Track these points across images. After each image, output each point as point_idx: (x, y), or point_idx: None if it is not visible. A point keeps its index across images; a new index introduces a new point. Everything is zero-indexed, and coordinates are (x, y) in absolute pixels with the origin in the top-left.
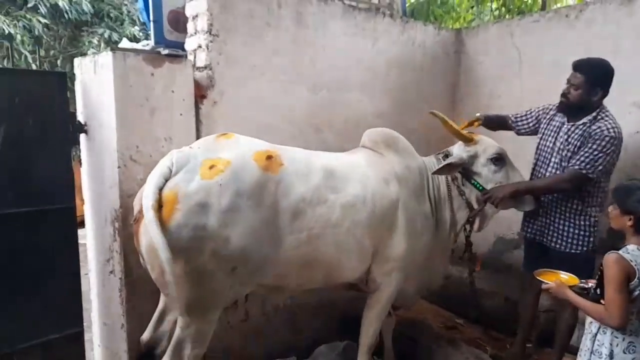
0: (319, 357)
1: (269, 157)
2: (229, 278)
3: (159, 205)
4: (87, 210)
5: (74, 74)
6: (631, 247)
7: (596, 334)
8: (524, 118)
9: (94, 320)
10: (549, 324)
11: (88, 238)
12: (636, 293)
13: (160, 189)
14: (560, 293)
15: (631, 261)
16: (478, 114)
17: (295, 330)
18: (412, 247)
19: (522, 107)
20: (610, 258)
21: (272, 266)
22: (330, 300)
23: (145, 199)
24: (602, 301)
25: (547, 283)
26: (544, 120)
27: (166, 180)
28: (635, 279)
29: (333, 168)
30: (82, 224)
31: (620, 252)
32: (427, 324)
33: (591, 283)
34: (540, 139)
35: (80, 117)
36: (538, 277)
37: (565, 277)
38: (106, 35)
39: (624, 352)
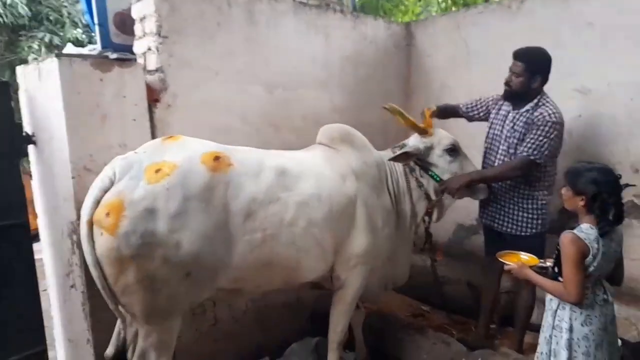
0: (292, 356)
1: (217, 158)
2: (184, 284)
3: (106, 213)
4: (42, 224)
5: (15, 82)
6: (584, 226)
7: (556, 310)
8: (475, 106)
9: (57, 338)
10: (510, 305)
11: (45, 253)
12: (590, 269)
13: (98, 202)
14: (522, 274)
15: (585, 239)
16: (432, 106)
17: (266, 331)
18: (374, 242)
19: (471, 96)
20: (566, 238)
21: (228, 270)
22: (299, 298)
23: (82, 213)
24: (560, 279)
25: (509, 264)
26: (493, 110)
27: (105, 192)
28: (590, 256)
29: (285, 167)
30: (35, 238)
31: (575, 231)
32: (394, 314)
33: (549, 262)
34: (490, 127)
35: (27, 128)
36: (500, 259)
37: (526, 257)
38: (47, 40)
39: (582, 325)
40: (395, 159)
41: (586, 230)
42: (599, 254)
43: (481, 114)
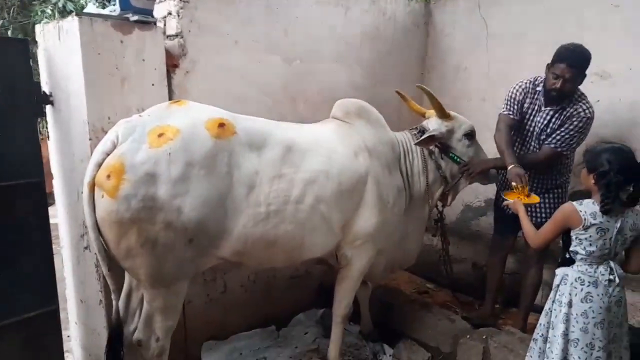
0: (297, 325)
1: (222, 125)
2: (187, 249)
3: (107, 175)
4: (57, 185)
5: (32, 43)
6: (587, 200)
7: (558, 285)
8: (513, 110)
9: (69, 298)
10: (515, 286)
11: (59, 214)
12: (584, 243)
13: (100, 165)
14: (514, 208)
15: (581, 211)
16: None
17: (274, 300)
18: (383, 221)
19: (488, 78)
20: (564, 205)
21: (231, 240)
22: (307, 271)
23: (85, 175)
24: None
25: (507, 200)
26: (527, 101)
27: (108, 155)
28: (581, 227)
29: (293, 141)
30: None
31: (575, 203)
32: (400, 290)
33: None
34: (528, 124)
35: (45, 87)
36: (504, 196)
37: (528, 197)
38: (60, 5)
39: (582, 302)
40: (420, 142)
41: (586, 203)
42: (592, 228)
43: (519, 110)
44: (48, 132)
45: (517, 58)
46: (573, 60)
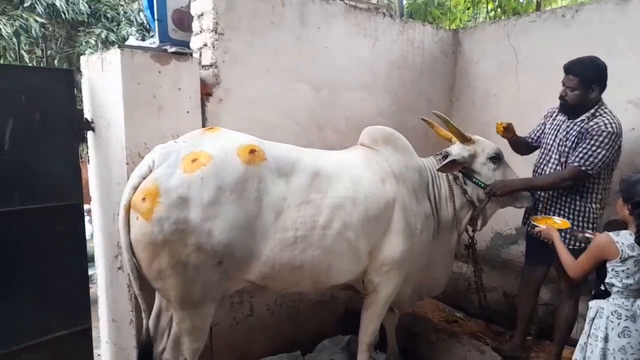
0: (323, 351)
1: (252, 152)
2: (216, 272)
3: (142, 198)
4: (94, 207)
5: (76, 72)
6: (624, 231)
7: (594, 318)
8: (535, 130)
9: (101, 317)
10: (548, 317)
11: (95, 236)
12: (621, 275)
13: (136, 188)
14: (548, 235)
15: (617, 242)
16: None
17: (300, 325)
18: (411, 248)
19: (518, 106)
20: (601, 235)
21: (258, 264)
22: (333, 296)
23: (122, 198)
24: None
25: (539, 226)
26: (548, 121)
27: (144, 179)
28: (618, 260)
29: (320, 168)
30: None
31: (612, 233)
32: (427, 318)
33: (587, 234)
34: (544, 138)
35: (87, 115)
36: (533, 222)
37: (559, 221)
38: (103, 36)
39: (619, 336)
40: (443, 168)
41: (624, 234)
42: (630, 260)
43: (541, 132)
44: (88, 157)
45: (546, 84)
46: (575, 70)
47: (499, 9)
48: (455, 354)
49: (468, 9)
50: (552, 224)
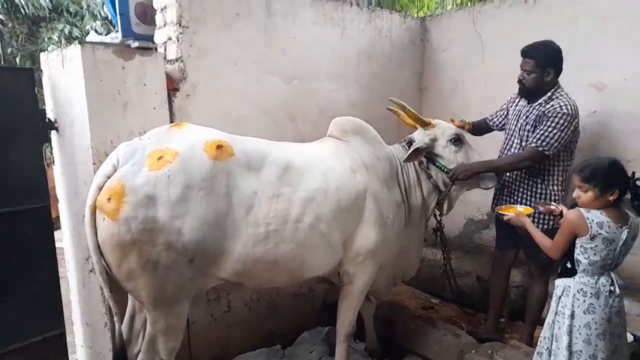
0: (303, 344)
1: (219, 147)
2: (188, 270)
3: (108, 198)
4: (62, 209)
5: (38, 70)
6: (596, 211)
7: (560, 297)
8: (497, 113)
9: (75, 321)
10: (520, 299)
11: (65, 237)
12: (590, 252)
13: (101, 188)
14: (519, 222)
15: (587, 219)
16: (466, 120)
17: (278, 319)
18: (384, 237)
19: (485, 92)
20: (572, 211)
21: (231, 260)
22: (311, 288)
23: (87, 199)
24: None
25: (507, 214)
26: (511, 107)
27: (109, 178)
28: (587, 236)
29: (290, 161)
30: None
31: (583, 209)
32: (404, 305)
33: (551, 206)
34: (507, 123)
35: (50, 114)
36: (499, 212)
37: (522, 209)
38: (66, 31)
39: (584, 313)
40: (408, 158)
41: (594, 212)
42: (598, 237)
43: (503, 116)
44: (53, 157)
45: (512, 70)
46: (531, 53)
47: None
48: (431, 339)
49: None
50: (517, 212)
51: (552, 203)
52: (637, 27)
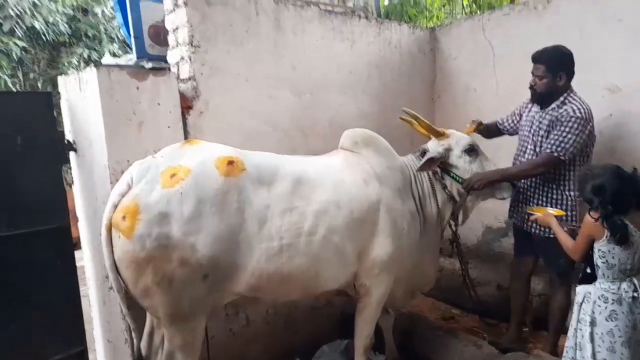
0: (322, 357)
1: (230, 163)
2: (203, 286)
3: (123, 216)
4: (82, 228)
5: (57, 94)
6: None
7: (581, 303)
8: (509, 117)
9: (96, 338)
10: (543, 307)
11: (85, 256)
12: (607, 256)
13: (116, 206)
14: (545, 222)
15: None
16: (478, 120)
17: (297, 333)
18: (399, 247)
19: (497, 99)
20: (588, 217)
21: (245, 275)
22: (329, 300)
23: (103, 218)
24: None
25: (534, 214)
26: (524, 113)
27: (123, 197)
28: (604, 239)
29: (302, 174)
30: (76, 245)
31: None
32: (424, 316)
33: (571, 226)
34: (520, 130)
35: (69, 136)
36: (529, 211)
37: (552, 211)
38: (85, 55)
39: (607, 320)
40: (422, 168)
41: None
42: (614, 240)
43: (515, 122)
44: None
45: (524, 76)
46: (541, 59)
47: (474, 4)
48: (452, 350)
49: (444, 5)
50: (546, 211)
51: (573, 223)
52: None
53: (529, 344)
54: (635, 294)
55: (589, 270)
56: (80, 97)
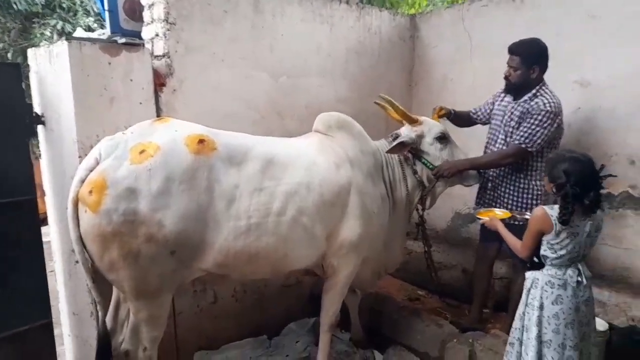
0: (289, 334)
1: (201, 142)
2: (170, 261)
3: (89, 191)
4: (49, 202)
5: (27, 66)
6: (558, 206)
7: (530, 289)
8: (482, 107)
9: (62, 312)
10: (504, 291)
11: (52, 230)
12: (557, 247)
13: (83, 181)
14: (492, 226)
15: (552, 216)
16: (446, 106)
17: (265, 311)
18: (367, 230)
19: (474, 90)
20: (536, 210)
21: (213, 253)
22: (298, 280)
23: (69, 192)
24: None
25: (483, 219)
26: (496, 103)
27: (91, 171)
28: (553, 233)
29: (273, 155)
30: (43, 222)
31: (546, 207)
32: (390, 297)
33: (526, 216)
34: (492, 119)
35: (37, 109)
36: (477, 216)
37: (500, 213)
38: (59, 27)
39: (552, 304)
40: (392, 150)
41: (557, 208)
42: (563, 233)
43: (488, 111)
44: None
45: (500, 68)
46: (517, 50)
47: None
48: (415, 330)
49: None
50: (494, 216)
51: (527, 213)
52: (622, 26)
53: (489, 324)
54: (579, 279)
55: (536, 260)
56: (51, 71)
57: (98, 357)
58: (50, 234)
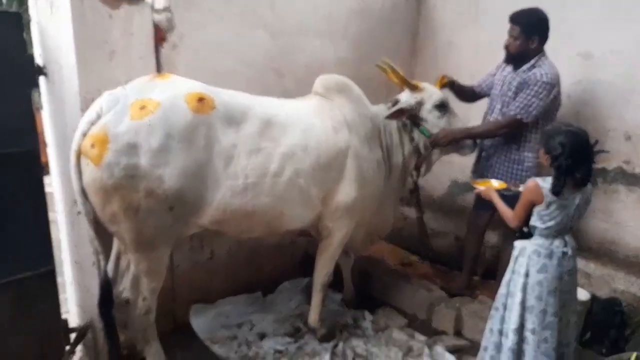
0: (283, 292)
1: (201, 100)
2: (168, 216)
3: (92, 144)
4: (51, 153)
5: (26, 12)
6: (550, 178)
7: (517, 257)
8: (484, 79)
9: (64, 261)
10: (494, 259)
11: (54, 181)
12: (546, 218)
13: (85, 134)
14: (487, 195)
15: (543, 188)
16: (451, 76)
17: (260, 269)
18: (362, 194)
19: (478, 56)
20: (530, 181)
21: (210, 210)
22: (293, 240)
23: (72, 144)
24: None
25: (478, 188)
26: (498, 72)
27: (93, 125)
28: (543, 204)
29: (272, 117)
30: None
31: (539, 179)
32: (382, 260)
33: (520, 188)
34: (493, 89)
35: (39, 59)
36: (473, 185)
37: (496, 184)
38: None
39: (537, 272)
40: (390, 116)
41: (549, 180)
42: (553, 204)
43: (492, 82)
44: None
45: (504, 36)
46: (518, 20)
47: None
48: (405, 293)
49: None
50: (490, 186)
51: (522, 185)
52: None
53: (477, 291)
54: (565, 250)
55: (525, 230)
56: (51, 21)
57: (100, 304)
58: (53, 185)
